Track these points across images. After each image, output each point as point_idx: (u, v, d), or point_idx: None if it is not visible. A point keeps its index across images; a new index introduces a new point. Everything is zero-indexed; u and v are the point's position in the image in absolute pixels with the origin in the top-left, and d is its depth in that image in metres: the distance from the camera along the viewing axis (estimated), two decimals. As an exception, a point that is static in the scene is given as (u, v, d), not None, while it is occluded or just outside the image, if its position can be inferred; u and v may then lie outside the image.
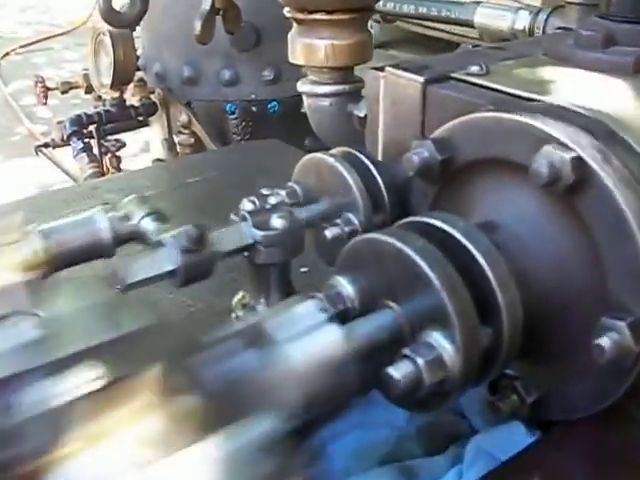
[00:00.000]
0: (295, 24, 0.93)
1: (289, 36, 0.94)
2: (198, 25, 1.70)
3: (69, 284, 0.70)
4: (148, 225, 0.69)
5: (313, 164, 0.76)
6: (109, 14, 1.45)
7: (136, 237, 0.70)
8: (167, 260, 0.65)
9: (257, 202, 0.72)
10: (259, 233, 0.68)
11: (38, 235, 0.65)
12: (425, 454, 0.71)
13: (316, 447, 0.73)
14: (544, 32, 1.76)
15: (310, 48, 0.92)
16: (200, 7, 2.00)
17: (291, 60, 0.95)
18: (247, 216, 0.69)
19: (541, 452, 0.67)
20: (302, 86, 0.95)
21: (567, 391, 0.66)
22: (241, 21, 1.98)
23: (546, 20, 1.76)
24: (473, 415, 0.73)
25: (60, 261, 0.66)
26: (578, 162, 0.58)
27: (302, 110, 2.32)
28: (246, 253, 0.70)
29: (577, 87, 0.74)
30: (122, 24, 1.60)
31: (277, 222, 0.69)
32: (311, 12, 0.90)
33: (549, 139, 0.60)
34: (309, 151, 1.53)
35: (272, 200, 0.75)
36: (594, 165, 0.59)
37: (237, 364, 0.53)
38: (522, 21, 1.84)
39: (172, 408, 0.48)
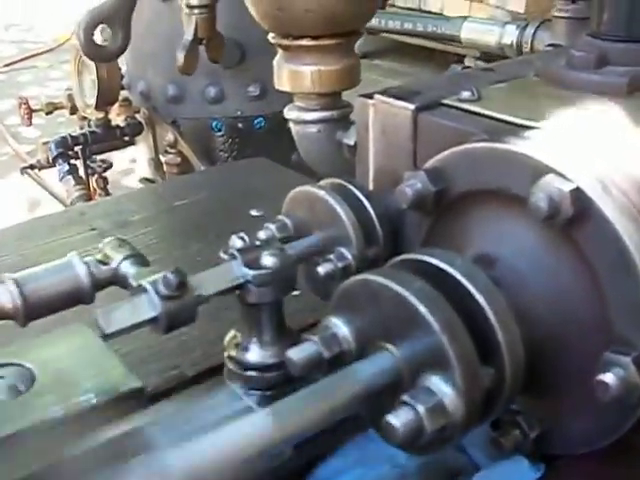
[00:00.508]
0: (280, 50, 0.92)
1: (274, 62, 0.93)
2: (181, 57, 1.69)
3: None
4: (128, 269, 0.68)
5: (303, 196, 0.74)
6: (90, 49, 1.43)
7: (116, 281, 0.68)
8: (148, 307, 0.62)
9: (246, 238, 0.70)
10: (250, 272, 0.66)
11: (13, 284, 0.63)
12: (427, 492, 0.69)
13: (315, 488, 0.71)
14: (532, 46, 1.76)
15: (296, 74, 0.90)
16: (182, 30, 1.99)
17: (277, 87, 0.94)
18: (237, 254, 0.67)
19: (546, 488, 0.65)
20: (289, 112, 0.94)
21: (570, 426, 0.65)
22: (223, 48, 1.97)
23: (534, 34, 1.76)
24: (475, 450, 0.72)
25: (37, 309, 0.64)
26: (577, 194, 0.57)
27: (288, 126, 2.32)
28: (237, 292, 0.68)
29: (572, 111, 0.72)
30: (104, 58, 1.58)
31: (268, 260, 0.67)
32: (296, 38, 0.88)
33: (546, 170, 0.58)
34: (296, 167, 1.52)
35: (262, 235, 0.73)
36: (593, 197, 0.57)
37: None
38: (509, 36, 1.84)
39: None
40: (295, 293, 0.73)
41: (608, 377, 0.56)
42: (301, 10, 0.84)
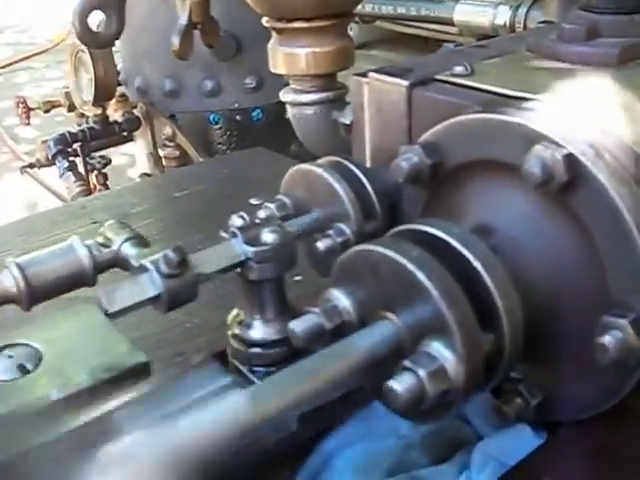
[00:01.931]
0: (274, 33, 0.92)
1: (269, 46, 0.93)
2: (176, 41, 1.69)
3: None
4: (128, 250, 0.68)
5: (301, 175, 0.75)
6: (85, 35, 1.43)
7: (117, 263, 0.69)
8: (150, 286, 0.63)
9: (246, 217, 0.71)
10: (251, 249, 0.67)
11: (16, 268, 0.64)
12: (431, 462, 0.70)
13: (321, 462, 0.72)
14: (525, 26, 1.76)
15: (291, 57, 0.91)
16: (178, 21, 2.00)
17: (272, 70, 0.94)
18: (237, 232, 0.68)
19: (549, 454, 0.66)
20: (285, 95, 0.94)
21: (571, 391, 0.65)
22: (219, 33, 1.97)
23: (526, 14, 1.76)
24: (478, 420, 0.72)
25: (41, 293, 0.64)
26: (570, 160, 0.57)
27: (286, 116, 2.32)
28: (238, 270, 0.69)
29: (563, 82, 0.73)
30: (98, 45, 1.58)
31: (268, 237, 0.67)
32: (290, 20, 0.89)
33: (539, 138, 0.59)
34: (295, 157, 1.53)
35: (261, 214, 0.74)
36: (586, 162, 0.58)
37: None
38: (503, 16, 1.84)
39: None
40: (297, 278, 0.73)
41: (607, 340, 0.57)
42: (294, -8, 0.85)
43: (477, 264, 0.57)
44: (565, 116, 0.63)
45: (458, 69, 0.74)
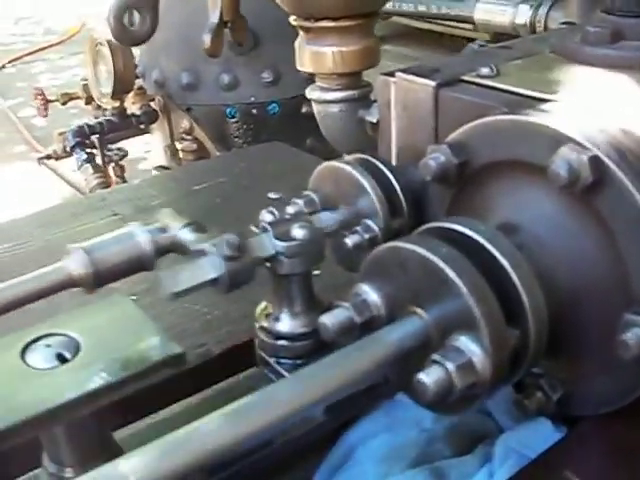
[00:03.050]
0: (301, 32, 0.94)
1: (296, 44, 0.95)
2: (208, 39, 1.71)
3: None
4: (187, 235, 0.71)
5: (329, 172, 0.76)
6: (121, 33, 1.45)
7: (175, 248, 0.71)
8: (211, 268, 0.66)
9: (276, 212, 0.73)
10: (281, 244, 0.69)
11: (81, 252, 0.66)
12: (454, 454, 0.72)
13: (345, 453, 0.74)
14: (545, 26, 1.76)
15: (318, 55, 0.92)
16: (198, 16, 2.02)
17: (299, 68, 0.96)
18: (268, 227, 0.70)
19: (569, 448, 0.67)
20: (311, 93, 0.96)
21: (592, 387, 0.67)
22: (247, 31, 2.00)
23: (547, 13, 1.77)
24: (499, 414, 0.74)
25: (104, 276, 0.67)
26: (595, 161, 0.59)
27: (302, 111, 2.33)
28: (268, 264, 0.71)
29: (588, 84, 0.75)
30: (134, 42, 1.61)
31: (298, 232, 0.69)
32: (317, 20, 0.91)
33: (565, 139, 0.61)
34: (310, 151, 1.54)
35: (290, 209, 0.75)
36: (611, 164, 0.59)
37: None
38: (523, 15, 1.85)
39: None
40: (316, 273, 0.75)
41: (628, 336, 0.59)
42: (322, -8, 0.87)
43: (504, 261, 0.59)
44: (590, 118, 0.64)
45: (484, 70, 0.76)
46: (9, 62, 5.90)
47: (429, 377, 0.55)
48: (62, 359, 0.60)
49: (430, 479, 0.68)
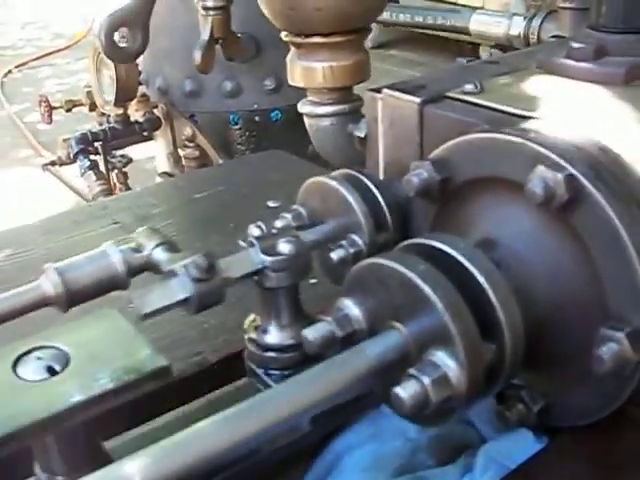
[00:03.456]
0: (293, 47, 0.95)
1: (287, 59, 0.96)
2: (198, 55, 1.74)
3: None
4: (160, 255, 0.72)
5: (316, 187, 0.78)
6: (112, 50, 1.48)
7: (149, 268, 0.72)
8: (180, 289, 0.67)
9: (263, 227, 0.75)
10: (268, 259, 0.70)
11: (54, 272, 0.68)
12: (437, 464, 0.73)
13: (330, 462, 0.75)
14: (539, 37, 1.78)
15: (309, 71, 0.94)
16: (198, 26, 2.04)
17: (290, 82, 0.97)
18: (255, 242, 0.71)
19: (549, 459, 0.69)
20: (303, 107, 0.97)
21: (571, 398, 0.68)
22: (240, 46, 2.02)
23: (540, 25, 1.79)
24: (482, 424, 0.75)
25: (78, 296, 0.68)
26: (571, 180, 0.60)
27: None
28: (255, 277, 0.72)
29: (570, 101, 0.76)
30: (125, 59, 1.63)
31: (284, 247, 0.71)
32: (308, 36, 0.92)
33: (542, 157, 0.62)
34: (312, 158, 1.55)
35: (278, 224, 0.77)
36: (586, 182, 0.61)
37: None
38: (517, 27, 1.87)
39: None
40: (312, 281, 0.77)
41: (603, 351, 0.60)
42: (312, 9, 0.88)
43: (481, 278, 0.60)
44: (568, 136, 0.66)
45: (468, 87, 0.77)
46: (15, 67, 5.93)
47: (405, 391, 0.56)
48: (52, 371, 0.62)
49: (413, 488, 0.70)
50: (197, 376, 0.86)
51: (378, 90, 0.81)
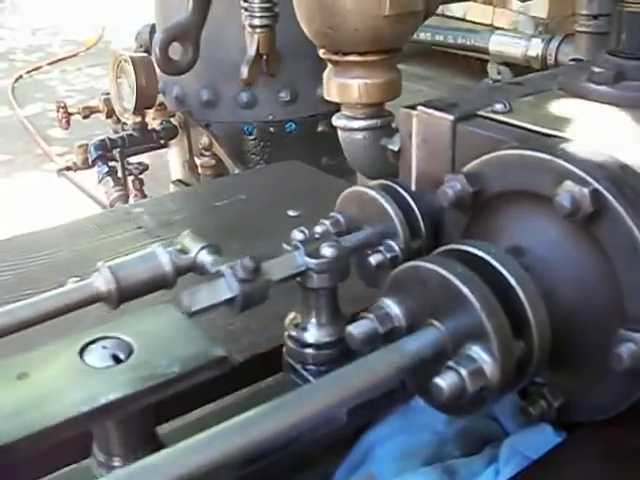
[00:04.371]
0: (330, 65, 1.01)
1: (324, 75, 1.02)
2: (245, 70, 1.81)
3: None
4: (205, 257, 0.77)
5: (355, 195, 0.84)
6: (165, 64, 1.53)
7: (194, 269, 0.77)
8: (227, 289, 0.72)
9: (306, 232, 0.80)
10: (312, 261, 0.76)
11: (107, 270, 0.73)
12: (463, 455, 0.79)
13: (364, 452, 0.81)
14: (556, 59, 1.84)
15: (344, 87, 1.00)
16: (219, 35, 2.11)
17: (326, 97, 1.03)
18: (299, 245, 0.77)
19: (568, 451, 0.74)
20: (337, 121, 1.03)
21: (590, 396, 0.74)
22: (279, 63, 2.10)
23: (558, 48, 1.85)
24: (505, 419, 0.81)
25: (128, 293, 0.74)
26: (595, 194, 0.66)
27: (318, 130, 2.40)
28: (298, 278, 0.78)
29: (592, 121, 0.82)
30: (177, 72, 1.69)
31: (327, 251, 0.76)
32: (345, 54, 0.98)
33: (568, 173, 0.68)
34: (326, 170, 1.60)
35: (318, 229, 0.83)
36: (609, 197, 0.66)
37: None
38: (535, 48, 1.94)
39: None
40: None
41: (622, 350, 0.66)
42: (350, 29, 0.94)
43: (512, 281, 0.66)
44: (591, 154, 0.71)
45: (498, 106, 0.83)
46: (26, 73, 5.98)
47: (444, 381, 0.62)
48: (117, 359, 0.67)
49: (442, 476, 0.75)
50: (225, 375, 0.90)
51: (413, 107, 0.87)
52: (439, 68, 4.83)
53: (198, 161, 2.55)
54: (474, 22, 3.54)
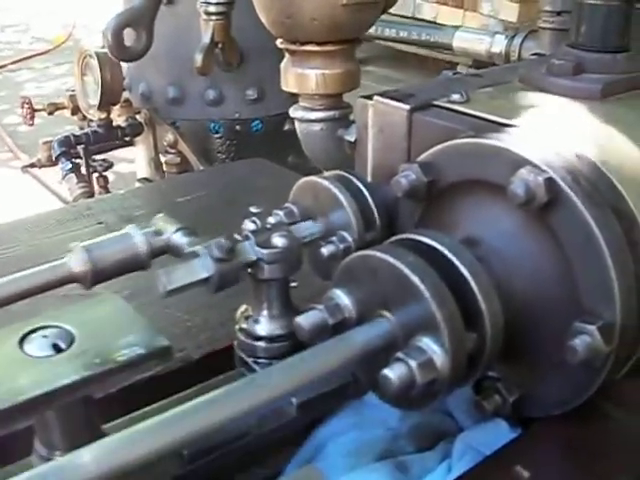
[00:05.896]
0: (287, 54, 0.99)
1: (282, 65, 1.00)
2: (199, 58, 1.78)
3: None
4: (180, 239, 0.76)
5: (309, 186, 0.82)
6: (118, 50, 1.51)
7: (169, 250, 0.77)
8: (202, 269, 0.71)
9: (258, 222, 0.78)
10: (262, 251, 0.74)
11: (82, 250, 0.72)
12: (417, 451, 0.77)
13: (315, 447, 0.79)
14: (520, 55, 1.84)
15: (302, 77, 0.98)
16: (186, 31, 2.08)
17: (284, 88, 1.01)
18: (250, 235, 0.75)
19: (522, 446, 0.73)
20: (294, 112, 1.01)
21: (544, 390, 0.73)
22: (238, 54, 2.07)
23: (521, 44, 1.85)
24: (459, 414, 0.80)
25: (102, 274, 0.73)
26: (550, 183, 0.65)
27: (285, 128, 2.39)
28: (249, 269, 0.76)
29: (549, 112, 0.81)
30: (130, 58, 1.67)
31: (278, 241, 0.75)
32: (302, 44, 0.96)
33: (524, 162, 0.67)
34: (292, 168, 1.58)
35: (271, 220, 0.81)
36: (564, 185, 0.65)
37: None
38: (499, 45, 1.94)
39: None
40: (293, 285, 0.80)
41: (576, 343, 0.65)
42: (308, 18, 0.92)
43: (465, 271, 0.65)
44: (547, 143, 0.70)
45: (455, 96, 0.82)
46: (-6, 70, 5.93)
47: (393, 372, 0.60)
48: (57, 349, 0.65)
49: (394, 472, 0.74)
50: (180, 371, 0.89)
51: (369, 97, 0.85)
52: (408, 71, 4.83)
53: (163, 158, 2.52)
54: (444, 25, 3.55)
